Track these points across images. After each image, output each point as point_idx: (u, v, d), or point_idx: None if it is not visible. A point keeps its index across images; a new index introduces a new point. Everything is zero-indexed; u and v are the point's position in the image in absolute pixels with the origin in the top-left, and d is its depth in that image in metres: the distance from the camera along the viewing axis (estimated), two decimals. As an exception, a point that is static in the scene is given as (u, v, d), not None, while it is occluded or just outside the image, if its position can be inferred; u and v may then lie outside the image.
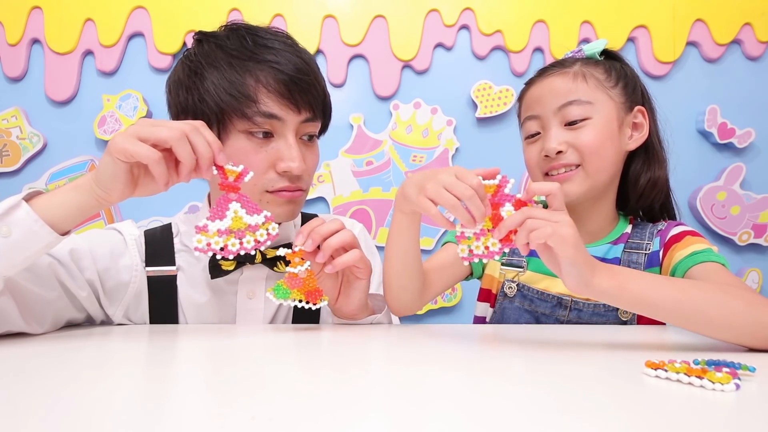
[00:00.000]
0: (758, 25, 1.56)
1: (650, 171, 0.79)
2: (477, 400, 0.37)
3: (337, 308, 0.72)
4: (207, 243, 0.58)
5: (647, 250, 0.77)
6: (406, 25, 1.57)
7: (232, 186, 0.60)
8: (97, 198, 0.58)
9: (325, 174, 1.56)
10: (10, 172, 1.55)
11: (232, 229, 0.59)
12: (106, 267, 0.73)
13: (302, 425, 0.31)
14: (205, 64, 0.69)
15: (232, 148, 0.69)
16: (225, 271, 0.74)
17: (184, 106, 0.71)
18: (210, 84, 0.68)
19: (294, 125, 0.70)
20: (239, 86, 0.67)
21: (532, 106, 0.77)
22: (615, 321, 0.75)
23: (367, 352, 0.57)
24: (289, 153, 0.69)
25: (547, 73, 0.78)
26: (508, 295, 0.80)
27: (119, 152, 0.55)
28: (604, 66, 0.77)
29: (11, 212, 0.55)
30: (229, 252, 0.59)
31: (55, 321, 0.69)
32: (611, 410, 0.35)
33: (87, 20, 1.55)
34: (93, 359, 0.54)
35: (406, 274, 0.71)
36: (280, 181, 0.70)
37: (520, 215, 0.55)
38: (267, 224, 0.61)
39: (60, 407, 0.35)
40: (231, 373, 0.47)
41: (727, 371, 0.40)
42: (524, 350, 0.56)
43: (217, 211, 0.59)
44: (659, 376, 0.41)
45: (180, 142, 0.56)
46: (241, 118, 0.67)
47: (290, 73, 0.68)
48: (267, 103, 0.67)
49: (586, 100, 0.73)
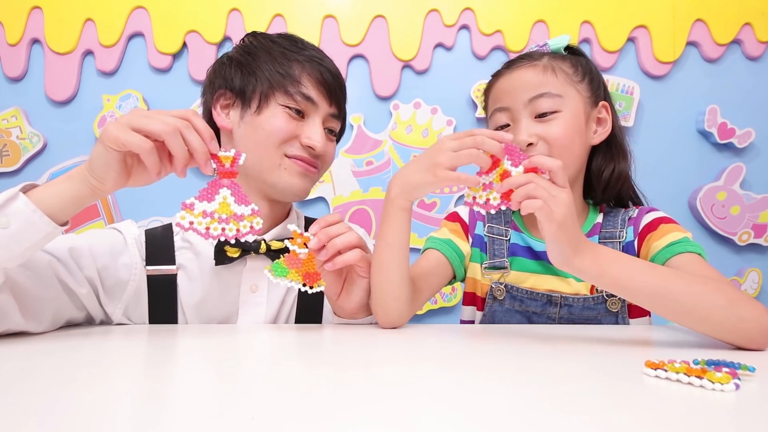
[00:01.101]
0: (758, 25, 1.56)
1: (614, 163, 0.80)
2: (477, 401, 0.37)
3: (338, 305, 0.72)
4: (190, 221, 0.59)
5: (621, 238, 0.77)
6: (406, 25, 1.57)
7: (230, 172, 0.61)
8: (90, 187, 0.58)
9: (325, 174, 1.56)
10: (10, 172, 1.55)
11: (218, 213, 0.60)
12: (105, 265, 0.73)
13: (302, 425, 0.31)
14: (260, 48, 0.80)
15: (269, 115, 0.77)
16: (230, 258, 0.76)
17: (226, 81, 0.80)
18: (263, 62, 0.78)
19: (323, 113, 0.80)
20: (287, 68, 0.78)
21: (501, 98, 0.77)
22: (605, 313, 0.76)
23: (368, 352, 0.57)
24: (315, 131, 0.78)
25: (515, 65, 0.78)
26: (497, 298, 0.80)
27: (111, 141, 0.55)
28: (570, 60, 0.78)
29: (9, 203, 0.55)
30: (209, 236, 0.59)
31: (55, 319, 0.68)
32: (611, 410, 0.35)
33: (87, 20, 1.55)
34: (93, 359, 0.54)
35: (399, 280, 0.68)
36: (301, 151, 0.78)
37: (524, 178, 0.58)
38: (252, 217, 0.61)
39: (59, 407, 0.35)
40: (231, 373, 0.47)
41: (726, 371, 0.40)
42: (524, 350, 0.55)
43: (206, 192, 0.60)
44: (659, 376, 0.41)
45: (172, 136, 0.56)
46: (284, 93, 0.77)
47: (330, 69, 0.81)
48: (308, 87, 0.78)
49: (556, 92, 0.73)
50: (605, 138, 0.79)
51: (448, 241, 0.82)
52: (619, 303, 0.75)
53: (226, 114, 0.81)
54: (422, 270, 0.77)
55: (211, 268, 0.77)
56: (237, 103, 0.79)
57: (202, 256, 0.78)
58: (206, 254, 0.78)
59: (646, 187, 0.86)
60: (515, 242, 0.82)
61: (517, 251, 0.81)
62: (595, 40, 1.57)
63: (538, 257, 0.80)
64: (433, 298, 1.55)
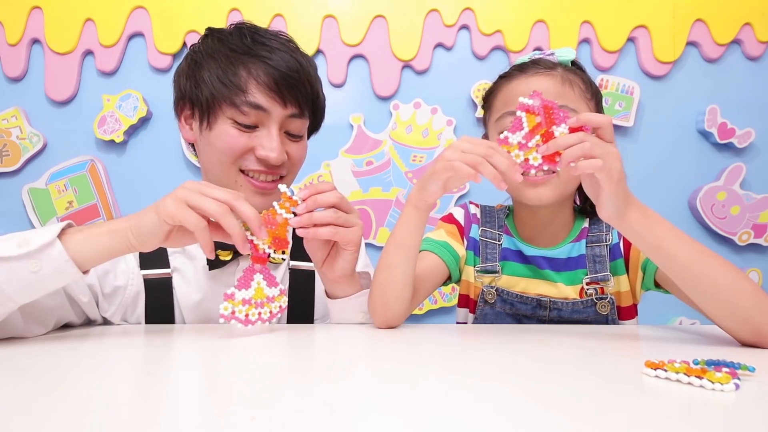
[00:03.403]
0: (758, 25, 1.56)
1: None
2: (475, 400, 0.37)
3: (322, 272, 0.73)
4: (232, 311, 0.62)
5: (607, 241, 0.78)
6: (406, 25, 1.57)
7: (262, 258, 0.65)
8: (128, 245, 0.60)
9: (325, 174, 1.56)
10: (10, 172, 1.55)
11: (255, 299, 0.64)
12: (105, 270, 0.74)
13: (302, 425, 0.31)
14: (205, 55, 0.75)
15: (218, 132, 0.73)
16: (222, 261, 0.77)
17: (183, 93, 0.76)
18: (206, 72, 0.73)
19: (279, 119, 0.74)
20: (231, 76, 0.72)
21: (515, 102, 0.74)
22: (594, 316, 0.76)
23: (365, 351, 0.57)
24: (269, 143, 0.73)
25: (531, 71, 0.75)
26: (488, 301, 0.80)
27: (167, 216, 0.57)
28: (581, 76, 0.76)
29: (45, 249, 0.55)
30: (248, 322, 0.64)
31: (56, 324, 0.70)
32: (610, 410, 0.35)
33: (87, 20, 1.55)
34: (91, 359, 0.54)
35: (404, 282, 0.69)
36: (257, 164, 0.74)
37: (576, 137, 0.56)
38: (280, 297, 0.67)
39: (58, 407, 0.35)
40: (229, 373, 0.47)
41: (726, 371, 0.39)
42: (524, 350, 0.55)
43: (243, 280, 0.64)
44: (659, 376, 0.41)
45: (225, 216, 0.58)
46: (230, 105, 0.72)
47: (281, 69, 0.72)
48: (255, 94, 0.72)
49: (573, 107, 0.72)
50: None
51: (444, 243, 0.82)
52: (609, 306, 0.75)
53: (190, 126, 0.79)
54: (419, 272, 0.77)
55: (205, 270, 0.78)
56: (196, 115, 0.76)
57: (196, 259, 0.79)
58: (200, 257, 0.79)
59: (646, 187, 0.86)
60: (507, 246, 0.82)
61: (508, 255, 0.82)
62: (595, 40, 1.57)
63: (528, 261, 0.80)
64: (434, 298, 1.55)
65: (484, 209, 0.87)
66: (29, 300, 0.58)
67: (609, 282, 0.75)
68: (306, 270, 0.84)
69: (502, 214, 0.85)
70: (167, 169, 1.57)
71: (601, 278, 0.76)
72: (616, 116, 1.55)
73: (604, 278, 0.75)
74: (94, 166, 1.55)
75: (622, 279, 0.76)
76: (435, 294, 1.53)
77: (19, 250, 0.54)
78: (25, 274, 0.55)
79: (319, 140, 0.93)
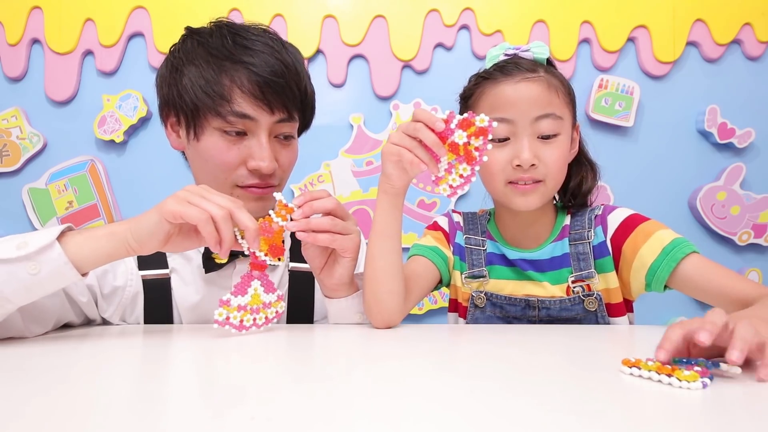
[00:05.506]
0: (758, 25, 1.56)
1: (582, 176, 0.80)
2: (465, 399, 0.37)
3: (320, 279, 0.73)
4: (226, 317, 0.62)
5: (590, 239, 0.77)
6: (406, 25, 1.57)
7: (261, 265, 0.65)
8: (127, 248, 0.60)
9: (325, 174, 1.56)
10: (10, 172, 1.55)
11: (251, 305, 0.64)
12: (104, 271, 0.74)
13: (301, 425, 0.31)
14: (185, 60, 0.72)
15: (206, 144, 0.72)
16: (218, 264, 0.76)
17: (166, 100, 0.75)
18: (187, 81, 0.71)
19: (267, 125, 0.72)
20: (214, 85, 0.69)
21: (503, 108, 0.72)
22: (583, 313, 0.76)
23: (365, 351, 0.58)
24: (260, 152, 0.71)
25: (515, 75, 0.73)
26: (479, 306, 0.81)
27: (169, 214, 0.57)
28: (559, 78, 0.75)
29: (44, 252, 0.55)
30: (242, 327, 0.63)
31: (55, 324, 0.70)
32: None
33: (87, 20, 1.55)
34: (91, 359, 0.55)
35: (391, 271, 0.69)
36: (250, 178, 0.73)
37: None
38: (277, 303, 0.67)
39: (57, 407, 0.35)
40: (229, 373, 0.47)
41: (698, 370, 0.40)
42: (515, 350, 0.56)
43: (240, 287, 0.64)
44: (633, 374, 0.43)
45: (224, 221, 0.58)
46: (216, 116, 0.70)
47: (265, 75, 0.70)
48: (240, 103, 0.69)
49: (559, 114, 0.72)
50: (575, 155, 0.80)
51: (434, 247, 0.83)
52: (596, 302, 0.75)
53: (177, 134, 0.77)
54: (411, 272, 0.78)
55: (202, 272, 0.78)
56: (182, 123, 0.74)
57: (193, 261, 0.79)
58: (197, 259, 0.79)
59: (646, 187, 0.86)
60: (492, 251, 0.82)
61: (493, 260, 0.82)
62: (595, 40, 1.57)
63: (512, 264, 0.80)
64: (434, 298, 1.55)
65: (467, 216, 0.87)
66: (28, 302, 0.58)
67: (594, 279, 0.75)
68: (305, 271, 0.84)
69: (484, 220, 0.86)
70: (167, 169, 1.57)
71: (586, 275, 0.75)
72: (616, 116, 1.55)
73: (589, 275, 0.75)
74: (94, 166, 1.55)
75: (610, 276, 0.75)
76: (435, 294, 1.53)
77: (18, 252, 0.54)
78: (23, 276, 0.55)
79: (319, 140, 0.93)
